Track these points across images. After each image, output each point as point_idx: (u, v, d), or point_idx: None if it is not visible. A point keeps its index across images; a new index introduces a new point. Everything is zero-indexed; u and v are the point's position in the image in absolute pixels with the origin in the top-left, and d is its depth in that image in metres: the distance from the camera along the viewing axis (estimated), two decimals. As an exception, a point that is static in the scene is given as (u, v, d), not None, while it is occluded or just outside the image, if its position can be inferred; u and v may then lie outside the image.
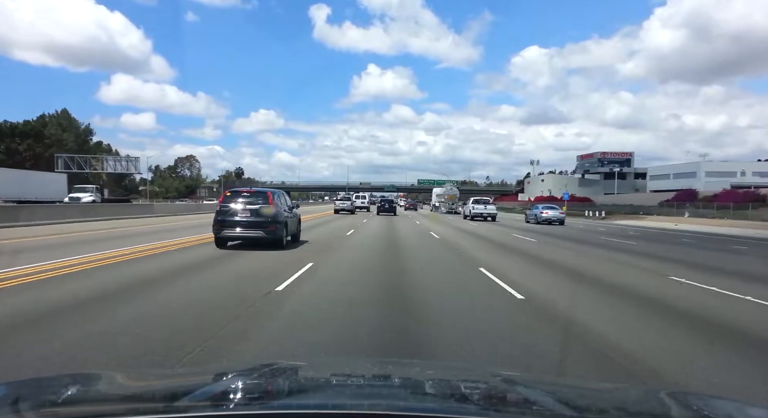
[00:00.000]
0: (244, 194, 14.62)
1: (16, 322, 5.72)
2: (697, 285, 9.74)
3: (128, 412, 1.45)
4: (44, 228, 20.24)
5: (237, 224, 13.91)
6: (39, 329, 5.42)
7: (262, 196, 14.39)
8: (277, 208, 14.28)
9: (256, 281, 8.87)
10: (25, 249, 12.64)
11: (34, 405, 1.48)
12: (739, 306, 7.91)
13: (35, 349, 4.74)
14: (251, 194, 14.62)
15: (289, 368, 2.30)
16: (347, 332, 5.63)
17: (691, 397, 2.04)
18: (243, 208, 14.01)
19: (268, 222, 13.92)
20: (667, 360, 4.92)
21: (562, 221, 38.18)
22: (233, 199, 14.27)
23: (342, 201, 49.96)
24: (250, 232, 13.93)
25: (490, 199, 44.44)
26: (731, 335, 6.06)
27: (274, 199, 14.42)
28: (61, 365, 4.32)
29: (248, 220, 13.90)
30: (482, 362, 4.71)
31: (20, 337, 5.16)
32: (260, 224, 13.88)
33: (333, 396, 1.81)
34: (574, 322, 6.37)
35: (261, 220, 13.90)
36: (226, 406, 1.57)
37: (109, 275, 9.04)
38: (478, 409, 1.63)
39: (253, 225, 13.88)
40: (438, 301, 7.56)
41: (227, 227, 13.94)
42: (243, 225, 13.90)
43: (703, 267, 13.11)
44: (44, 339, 5.02)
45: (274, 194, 14.75)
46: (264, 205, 14.02)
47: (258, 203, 14.08)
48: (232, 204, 14.10)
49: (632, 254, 15.99)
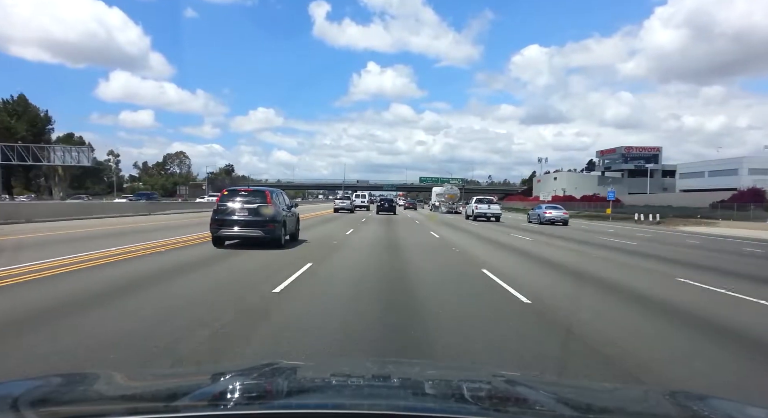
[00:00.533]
0: (242, 193, 14.41)
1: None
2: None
3: (128, 412, 1.45)
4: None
5: (235, 223, 13.68)
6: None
7: (261, 195, 14.16)
8: (275, 207, 14.05)
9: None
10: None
11: (34, 405, 1.47)
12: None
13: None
14: (249, 193, 14.42)
15: (289, 368, 2.29)
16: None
17: (691, 397, 2.04)
18: (241, 207, 13.79)
19: (266, 221, 13.69)
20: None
21: (566, 221, 36.82)
22: (231, 198, 14.05)
23: (341, 200, 50.63)
24: (248, 231, 13.70)
25: (493, 199, 42.24)
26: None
27: (273, 198, 14.19)
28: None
29: (246, 219, 13.67)
30: (482, 362, 4.60)
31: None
32: (258, 223, 13.65)
33: (333, 396, 1.81)
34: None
35: (259, 219, 13.67)
36: (226, 406, 1.56)
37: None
38: (479, 409, 1.63)
39: (251, 224, 13.65)
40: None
41: (225, 226, 13.72)
42: (241, 224, 13.67)
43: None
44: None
45: (272, 193, 14.53)
46: (262, 204, 13.79)
47: (256, 202, 13.85)
48: (230, 203, 13.88)
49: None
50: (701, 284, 9.82)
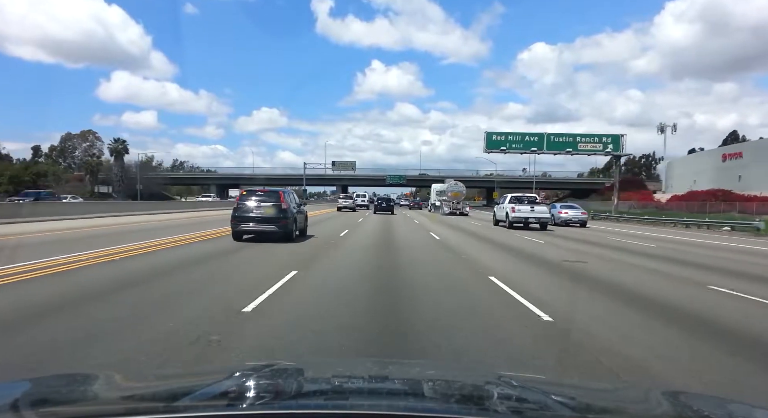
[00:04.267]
0: (258, 193, 16.57)
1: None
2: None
3: (128, 412, 1.47)
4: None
5: (252, 220, 15.76)
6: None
7: (275, 196, 16.22)
8: (287, 205, 16.11)
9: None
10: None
11: (34, 405, 1.49)
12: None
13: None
14: (265, 193, 16.55)
15: (289, 368, 2.34)
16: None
17: (691, 397, 2.06)
18: (257, 205, 15.85)
19: (279, 218, 15.74)
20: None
21: (584, 222, 32.62)
22: (248, 198, 16.18)
23: (344, 200, 56.00)
24: (263, 226, 15.74)
25: (536, 197, 31.40)
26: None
27: (285, 198, 16.24)
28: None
29: (262, 216, 15.73)
30: (482, 363, 4.70)
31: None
32: (273, 219, 15.70)
33: (333, 396, 1.82)
34: None
35: (273, 216, 15.72)
36: (225, 406, 1.59)
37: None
38: (478, 409, 1.65)
39: (266, 220, 15.71)
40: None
41: (243, 221, 15.79)
42: (257, 220, 15.74)
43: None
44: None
45: (285, 193, 16.60)
46: (276, 203, 15.85)
47: (271, 201, 15.92)
48: (248, 202, 15.98)
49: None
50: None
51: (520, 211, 26.84)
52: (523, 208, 26.97)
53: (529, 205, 27.35)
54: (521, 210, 26.86)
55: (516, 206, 27.07)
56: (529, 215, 26.79)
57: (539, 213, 27.07)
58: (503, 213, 28.41)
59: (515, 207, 27.02)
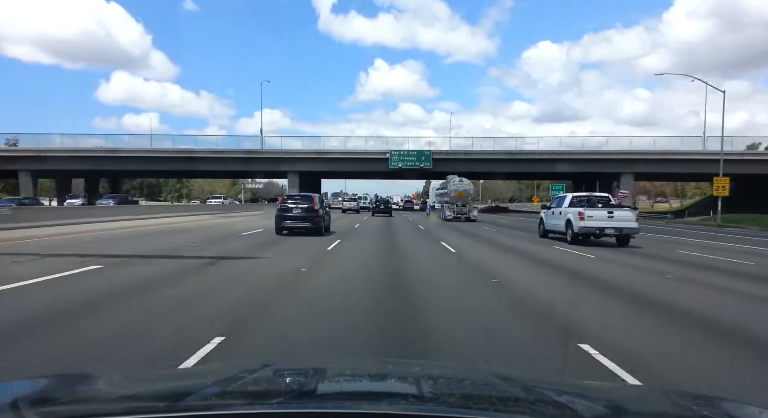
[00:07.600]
0: (296, 198, 21.83)
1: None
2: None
3: (128, 412, 1.47)
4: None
5: (292, 218, 20.80)
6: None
7: (309, 200, 21.32)
8: (319, 206, 21.14)
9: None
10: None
11: (34, 405, 1.51)
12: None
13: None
14: (301, 198, 21.77)
15: (289, 368, 2.39)
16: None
17: (691, 397, 2.08)
18: (295, 206, 20.87)
19: (313, 217, 20.76)
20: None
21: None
22: (288, 201, 21.36)
23: (349, 202, 61.86)
24: (300, 223, 20.73)
25: (610, 198, 21.53)
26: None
27: (317, 201, 21.36)
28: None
29: (300, 215, 20.76)
30: (482, 363, 4.76)
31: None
32: (308, 218, 20.72)
33: (333, 396, 1.85)
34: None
35: (308, 215, 20.74)
36: (225, 406, 1.59)
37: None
38: (479, 409, 1.64)
39: (303, 219, 20.71)
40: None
41: (285, 220, 20.81)
42: (296, 219, 20.75)
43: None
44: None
45: (317, 197, 21.71)
46: (310, 205, 20.91)
47: (306, 203, 20.98)
48: (289, 204, 21.09)
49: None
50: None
51: (593, 218, 18.44)
52: (597, 213, 18.64)
53: (605, 208, 19.13)
54: (594, 217, 18.48)
55: (586, 212, 18.58)
56: (606, 225, 18.35)
57: (622, 221, 18.45)
58: (561, 221, 19.88)
59: (584, 212, 18.54)
